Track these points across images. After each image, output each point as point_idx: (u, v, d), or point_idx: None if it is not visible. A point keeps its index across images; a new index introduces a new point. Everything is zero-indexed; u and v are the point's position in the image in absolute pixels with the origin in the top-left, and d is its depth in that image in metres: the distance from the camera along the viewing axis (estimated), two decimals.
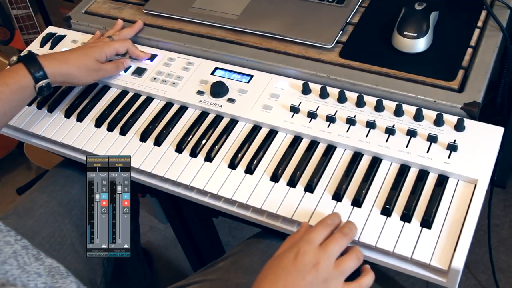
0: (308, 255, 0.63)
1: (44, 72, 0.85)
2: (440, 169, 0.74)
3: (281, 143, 0.83)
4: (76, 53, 0.91)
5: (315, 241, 0.65)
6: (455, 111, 0.80)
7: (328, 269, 0.63)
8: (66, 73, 0.88)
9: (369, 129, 0.80)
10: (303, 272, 0.61)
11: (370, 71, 0.87)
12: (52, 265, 0.57)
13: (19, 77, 0.84)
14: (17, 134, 0.96)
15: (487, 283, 1.43)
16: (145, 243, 1.68)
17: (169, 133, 0.87)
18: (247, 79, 0.91)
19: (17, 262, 0.48)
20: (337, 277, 0.63)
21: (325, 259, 0.63)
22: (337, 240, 0.65)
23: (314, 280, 0.61)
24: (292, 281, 0.61)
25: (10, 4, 1.59)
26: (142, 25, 1.03)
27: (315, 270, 0.62)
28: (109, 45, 0.94)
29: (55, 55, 0.90)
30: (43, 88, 0.86)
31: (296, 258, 0.63)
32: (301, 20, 0.96)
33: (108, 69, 0.94)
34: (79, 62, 0.90)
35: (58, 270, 0.56)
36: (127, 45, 0.97)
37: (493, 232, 1.50)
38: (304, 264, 0.62)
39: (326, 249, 0.64)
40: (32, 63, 0.85)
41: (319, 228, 0.67)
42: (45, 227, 0.92)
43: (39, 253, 0.58)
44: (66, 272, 0.57)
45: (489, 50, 0.85)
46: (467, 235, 0.67)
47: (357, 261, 0.65)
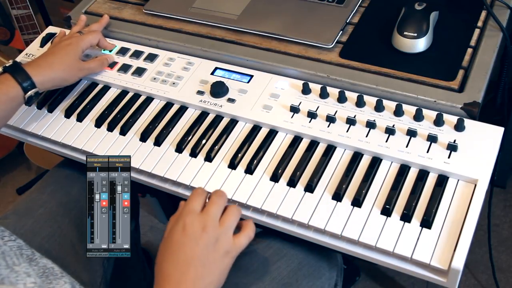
0: (193, 223, 0.67)
1: (32, 82, 0.86)
2: (440, 169, 0.74)
3: (281, 143, 0.83)
4: (58, 56, 0.91)
5: (195, 210, 0.69)
6: (455, 111, 0.80)
7: (215, 228, 0.67)
8: (53, 78, 0.89)
9: (369, 129, 0.80)
10: (195, 239, 0.66)
11: (370, 71, 0.87)
12: (46, 265, 0.57)
13: (7, 88, 0.84)
14: (17, 134, 0.96)
15: (487, 283, 1.43)
16: (145, 243, 1.68)
17: (169, 133, 0.87)
18: (247, 79, 0.91)
19: (6, 262, 0.48)
20: (226, 233, 0.68)
21: (210, 221, 0.67)
22: (215, 202, 0.70)
23: (207, 242, 0.66)
24: (190, 251, 0.65)
25: (10, 4, 1.59)
26: (108, 19, 1.05)
27: (205, 233, 0.66)
28: (83, 38, 0.95)
29: (39, 62, 0.90)
30: (32, 97, 0.87)
31: (184, 229, 0.67)
32: (301, 20, 0.96)
33: (92, 67, 0.96)
34: (63, 64, 0.90)
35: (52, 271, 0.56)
36: (99, 36, 0.98)
37: (493, 232, 1.50)
38: (194, 231, 0.67)
39: (208, 212, 0.68)
40: (19, 73, 0.85)
41: (193, 198, 0.71)
42: (45, 227, 0.92)
43: (34, 253, 0.58)
44: (61, 273, 0.57)
45: (489, 50, 0.85)
46: (467, 235, 0.67)
47: (237, 213, 0.70)
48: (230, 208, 0.71)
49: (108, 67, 0.98)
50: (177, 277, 0.65)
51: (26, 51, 1.07)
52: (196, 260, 0.65)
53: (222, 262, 0.67)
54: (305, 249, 0.85)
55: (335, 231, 0.71)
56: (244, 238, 0.70)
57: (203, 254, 0.66)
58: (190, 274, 0.65)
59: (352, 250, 0.71)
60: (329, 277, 0.84)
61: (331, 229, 0.72)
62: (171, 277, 0.65)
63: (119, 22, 1.06)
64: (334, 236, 0.72)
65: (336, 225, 0.72)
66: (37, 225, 0.92)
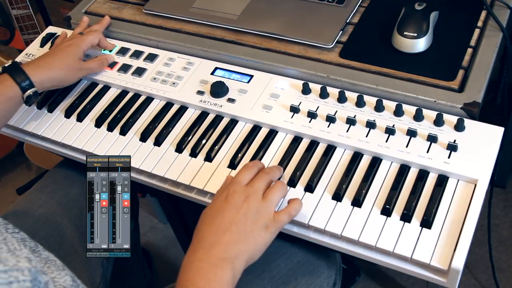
0: (237, 193, 0.69)
1: (30, 81, 0.85)
2: (440, 169, 0.74)
3: (281, 143, 0.83)
4: (57, 56, 0.91)
5: (241, 182, 0.71)
6: (455, 111, 0.80)
7: (258, 200, 0.69)
8: (52, 78, 0.89)
9: (369, 129, 0.80)
10: (236, 207, 0.68)
11: (370, 71, 0.87)
12: (49, 257, 0.57)
13: (5, 88, 0.84)
14: (17, 134, 0.96)
15: (487, 283, 1.43)
16: (145, 243, 1.68)
17: (169, 133, 0.87)
18: (247, 79, 0.91)
19: (7, 247, 0.48)
20: (267, 206, 0.69)
21: (253, 193, 0.69)
22: (261, 177, 0.72)
23: (247, 211, 0.67)
24: (228, 217, 0.67)
25: (10, 4, 1.59)
26: (109, 20, 1.05)
27: (246, 203, 0.68)
28: (83, 39, 0.95)
29: (38, 62, 0.89)
30: (31, 97, 0.86)
31: (227, 198, 0.69)
32: (301, 20, 0.96)
33: (92, 67, 0.95)
34: (63, 64, 0.90)
35: (54, 263, 0.56)
36: (99, 36, 0.98)
37: (493, 232, 1.50)
38: (236, 200, 0.68)
39: (253, 185, 0.70)
40: (18, 73, 0.85)
41: (243, 171, 0.73)
42: (45, 227, 0.92)
43: (37, 246, 0.58)
44: (63, 266, 0.57)
45: (489, 50, 0.85)
46: (467, 235, 0.67)
47: (282, 190, 0.72)
48: (276, 184, 0.72)
49: (108, 67, 0.98)
50: (211, 239, 0.66)
51: (26, 51, 1.07)
52: (234, 226, 0.66)
53: (259, 235, 0.67)
54: (304, 248, 0.85)
55: (335, 231, 0.71)
56: (284, 216, 0.70)
57: (241, 222, 0.66)
58: (225, 237, 0.65)
59: (352, 250, 0.71)
60: (328, 275, 0.84)
61: (331, 229, 0.71)
62: (205, 239, 0.66)
63: (119, 22, 1.06)
64: (334, 236, 0.72)
65: (336, 225, 0.72)
66: (36, 225, 0.92)
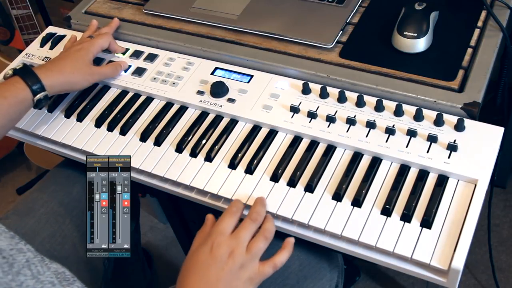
0: (222, 246, 0.68)
1: (41, 85, 0.85)
2: (440, 169, 0.74)
3: (281, 143, 0.83)
4: (68, 60, 0.90)
5: (226, 231, 0.69)
6: (455, 111, 0.80)
7: (242, 255, 0.68)
8: (63, 82, 0.89)
9: (369, 129, 0.80)
10: (221, 263, 0.67)
11: (370, 71, 0.87)
12: (57, 270, 0.57)
13: (17, 90, 0.84)
14: (17, 134, 0.96)
15: (487, 283, 1.43)
16: (145, 243, 1.68)
17: (169, 133, 0.87)
18: (247, 79, 0.91)
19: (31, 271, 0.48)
20: (251, 260, 0.68)
21: (238, 247, 0.68)
22: (246, 226, 0.70)
23: (232, 268, 0.66)
24: (214, 274, 0.66)
25: (10, 4, 1.59)
26: (118, 22, 1.04)
27: (231, 259, 0.67)
28: (93, 43, 0.94)
29: (49, 66, 0.89)
30: (41, 101, 0.86)
31: (212, 251, 0.68)
32: (301, 20, 0.96)
33: (105, 72, 0.95)
34: (74, 68, 0.90)
35: (64, 276, 0.56)
36: (109, 39, 0.98)
37: (493, 232, 1.50)
38: (221, 255, 0.67)
39: (238, 237, 0.69)
40: (29, 76, 0.85)
41: (226, 218, 0.71)
42: (46, 227, 0.92)
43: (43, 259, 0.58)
44: (72, 277, 0.57)
45: (489, 50, 0.85)
46: (467, 235, 0.67)
47: (265, 240, 0.70)
48: (259, 233, 0.70)
49: None
50: None
51: (26, 51, 1.07)
52: (219, 284, 0.66)
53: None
54: (306, 250, 0.85)
55: (335, 231, 0.71)
56: (269, 268, 0.69)
57: (226, 279, 0.66)
58: None
59: (352, 250, 0.72)
60: (330, 278, 0.84)
61: (331, 229, 0.72)
62: None
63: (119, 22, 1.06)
64: (334, 236, 0.73)
65: (336, 225, 0.72)
66: (38, 225, 0.92)
